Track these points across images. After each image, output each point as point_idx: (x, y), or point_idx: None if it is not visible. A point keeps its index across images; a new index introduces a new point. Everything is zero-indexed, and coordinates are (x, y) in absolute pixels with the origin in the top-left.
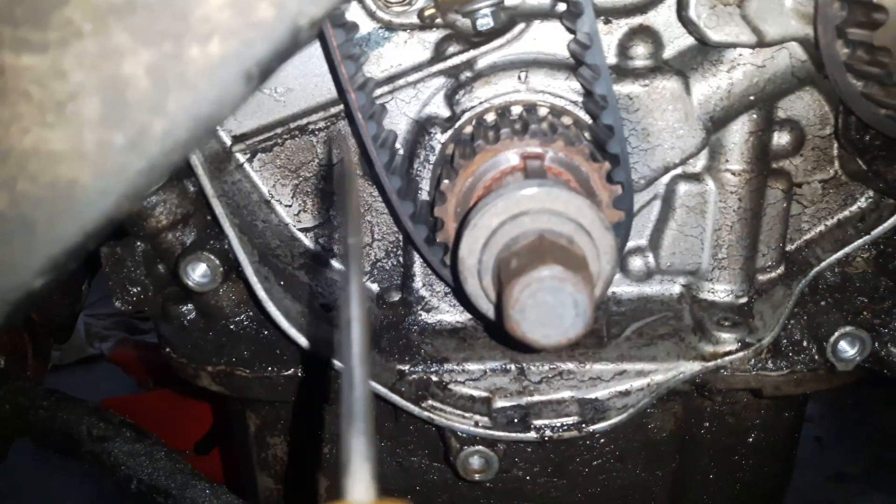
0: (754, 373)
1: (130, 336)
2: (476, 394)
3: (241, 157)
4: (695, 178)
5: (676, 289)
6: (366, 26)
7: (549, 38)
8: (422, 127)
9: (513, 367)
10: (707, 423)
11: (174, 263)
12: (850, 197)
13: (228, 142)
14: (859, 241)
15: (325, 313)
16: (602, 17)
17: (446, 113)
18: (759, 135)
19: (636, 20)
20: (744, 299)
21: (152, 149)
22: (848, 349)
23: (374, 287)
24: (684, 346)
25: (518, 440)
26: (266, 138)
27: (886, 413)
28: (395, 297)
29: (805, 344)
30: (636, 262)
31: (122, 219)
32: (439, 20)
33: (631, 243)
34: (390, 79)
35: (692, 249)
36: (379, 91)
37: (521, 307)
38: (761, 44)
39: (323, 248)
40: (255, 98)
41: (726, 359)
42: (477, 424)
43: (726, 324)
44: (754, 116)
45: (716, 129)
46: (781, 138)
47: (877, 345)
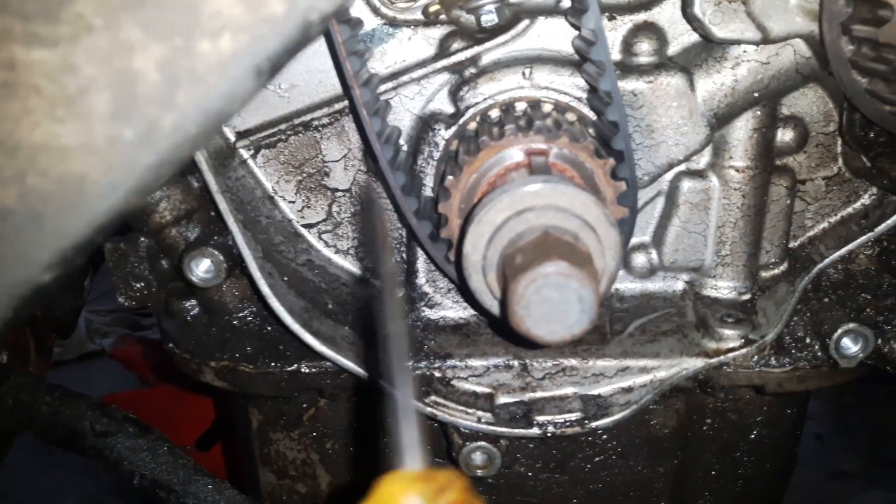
0: (757, 369)
1: (132, 332)
2: (479, 390)
3: (245, 153)
4: (698, 174)
5: (680, 285)
6: (370, 22)
7: (554, 35)
8: (426, 123)
9: (516, 363)
10: (709, 420)
11: (178, 259)
12: (854, 194)
13: (232, 138)
14: (863, 238)
15: (330, 309)
16: (606, 14)
17: (450, 109)
18: (763, 131)
19: (641, 17)
20: (747, 296)
21: (162, 143)
22: (851, 346)
23: (378, 283)
24: (687, 342)
25: (521, 436)
26: (270, 134)
27: (887, 411)
28: (399, 293)
29: (808, 341)
30: (639, 259)
31: (129, 213)
32: (443, 16)
33: (634, 240)
34: (394, 75)
35: (695, 246)
36: (383, 87)
37: (525, 303)
38: (766, 40)
39: (326, 244)
40: (260, 94)
41: (729, 355)
42: (480, 420)
43: (729, 320)
44: (758, 113)
45: (720, 126)
46: (785, 135)
47: (880, 341)
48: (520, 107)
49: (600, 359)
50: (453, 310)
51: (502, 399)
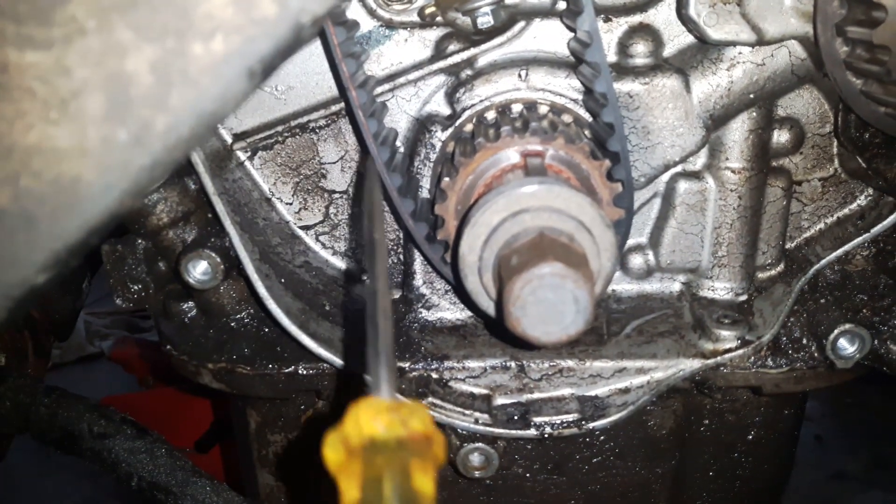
0: (754, 370)
1: (131, 334)
2: (476, 391)
3: (242, 155)
4: (695, 175)
5: (676, 286)
6: (366, 24)
7: (550, 37)
8: (422, 125)
9: (513, 364)
10: (707, 421)
11: (175, 261)
12: (850, 195)
13: (229, 140)
14: (859, 239)
15: (327, 311)
16: (602, 16)
17: (447, 111)
18: (758, 133)
19: (636, 18)
20: (744, 297)
21: (155, 145)
22: (847, 347)
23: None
24: (684, 343)
25: (518, 437)
26: (267, 136)
27: (887, 412)
28: (396, 294)
29: (805, 341)
30: (636, 260)
31: (124, 215)
32: (440, 18)
33: (631, 241)
34: (391, 77)
35: (692, 247)
36: (380, 89)
37: (521, 304)
38: (761, 42)
39: (323, 246)
40: (256, 96)
41: (726, 356)
42: (477, 421)
43: (726, 321)
44: (754, 114)
45: (716, 127)
46: (781, 136)
47: (876, 342)
48: (516, 108)
49: (597, 360)
50: (450, 311)
51: (499, 400)
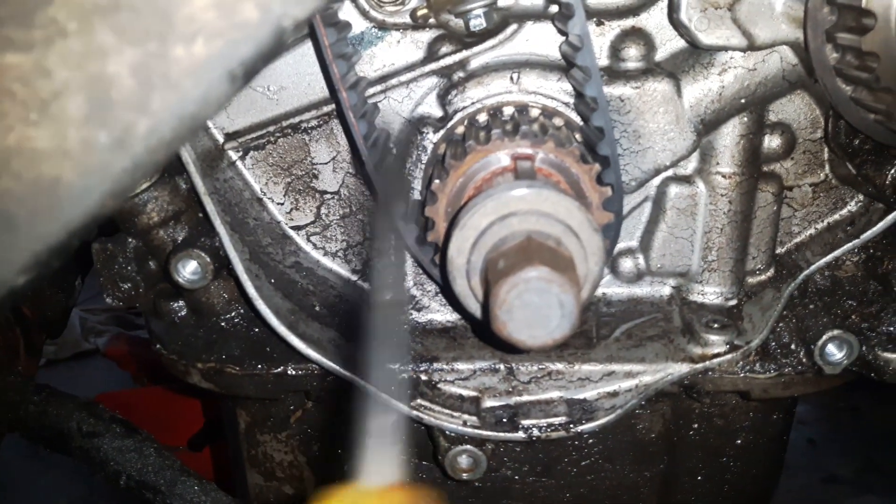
0: (742, 375)
1: (126, 331)
2: (465, 393)
3: (234, 155)
4: (685, 180)
5: (666, 290)
6: (359, 25)
7: (542, 40)
8: (414, 126)
9: (502, 367)
10: (695, 425)
11: (165, 260)
12: (840, 201)
13: (221, 139)
14: (849, 245)
15: (317, 312)
16: (594, 19)
17: (438, 113)
18: (749, 138)
19: (628, 22)
20: (733, 302)
21: (136, 147)
22: (836, 352)
23: (366, 286)
24: (673, 347)
25: (506, 440)
26: (258, 136)
27: (879, 416)
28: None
29: (793, 347)
30: (626, 264)
31: (106, 216)
32: (432, 20)
33: (621, 245)
34: (383, 78)
35: (682, 251)
36: (371, 90)
37: (507, 308)
38: (752, 47)
39: (314, 246)
40: (248, 96)
41: (715, 361)
42: (465, 424)
43: (715, 326)
44: (745, 119)
45: (707, 132)
46: (772, 141)
47: (864, 349)
48: (507, 111)
49: (586, 363)
50: (440, 313)
51: (488, 402)
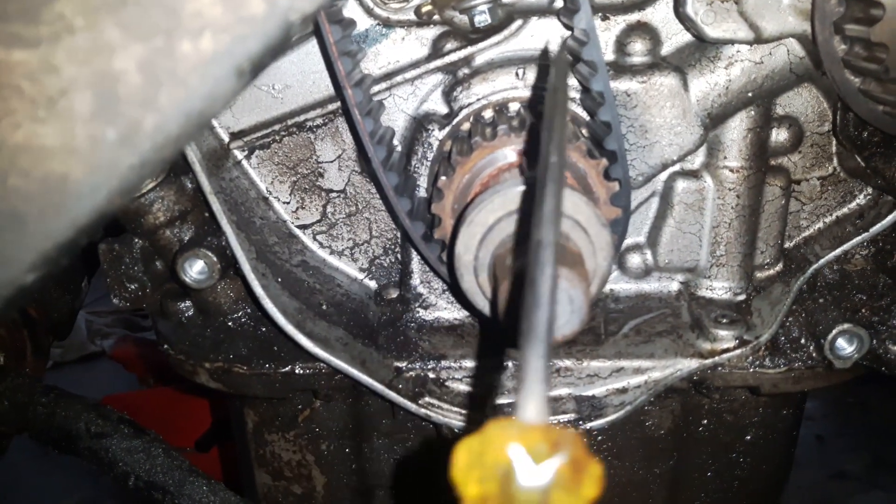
0: (752, 370)
1: (132, 333)
2: (473, 391)
3: (239, 154)
4: (693, 174)
5: (674, 286)
6: (363, 23)
7: (547, 35)
8: (419, 123)
9: (510, 364)
10: (705, 421)
11: (172, 260)
12: (849, 194)
13: (226, 138)
14: (858, 239)
15: (324, 310)
16: (600, 14)
17: (444, 110)
18: (757, 131)
19: (634, 16)
20: (742, 296)
21: (144, 144)
22: (846, 347)
23: (372, 284)
24: (682, 343)
25: None
26: (264, 135)
27: (888, 411)
28: (393, 294)
29: (803, 341)
30: (634, 260)
31: (113, 214)
32: (437, 17)
33: (629, 240)
34: (388, 75)
35: (690, 246)
36: (376, 88)
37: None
38: (759, 40)
39: (321, 245)
40: (253, 94)
41: (724, 356)
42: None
43: (724, 321)
44: (752, 113)
45: (714, 126)
46: (780, 135)
47: (875, 342)
48: (513, 107)
49: (595, 359)
50: (448, 311)
51: (496, 400)
